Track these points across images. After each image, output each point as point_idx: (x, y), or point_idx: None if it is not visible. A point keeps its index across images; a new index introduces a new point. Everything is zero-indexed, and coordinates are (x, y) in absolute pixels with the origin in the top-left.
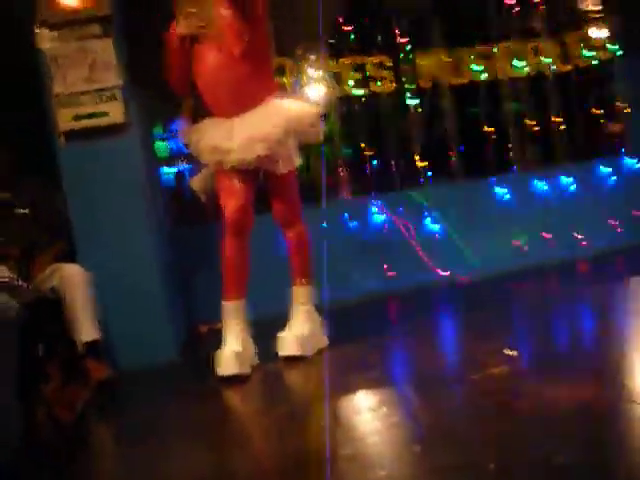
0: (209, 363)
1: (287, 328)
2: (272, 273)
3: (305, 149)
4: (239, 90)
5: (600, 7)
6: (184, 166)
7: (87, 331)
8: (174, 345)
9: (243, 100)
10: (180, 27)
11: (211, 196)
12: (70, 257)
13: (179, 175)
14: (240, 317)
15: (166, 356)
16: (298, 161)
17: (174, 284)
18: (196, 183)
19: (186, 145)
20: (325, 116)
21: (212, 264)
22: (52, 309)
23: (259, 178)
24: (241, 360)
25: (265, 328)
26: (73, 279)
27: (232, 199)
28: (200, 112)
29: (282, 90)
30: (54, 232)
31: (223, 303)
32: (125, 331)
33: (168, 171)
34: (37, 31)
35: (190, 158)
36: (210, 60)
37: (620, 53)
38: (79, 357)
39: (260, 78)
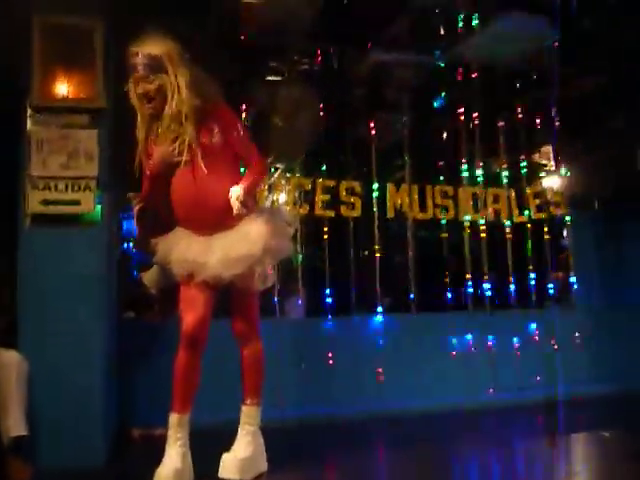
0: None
1: (232, 449)
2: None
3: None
4: (216, 209)
5: (552, 162)
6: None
7: (15, 425)
8: (103, 448)
9: (222, 219)
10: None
11: (163, 291)
12: (8, 337)
13: (125, 256)
14: (183, 432)
15: (93, 459)
16: (273, 279)
17: (112, 379)
18: (147, 277)
19: (147, 253)
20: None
21: (155, 363)
22: None
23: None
24: (180, 478)
25: (212, 438)
26: (10, 368)
27: (192, 312)
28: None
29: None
30: None
31: (170, 414)
32: (53, 427)
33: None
34: (28, 112)
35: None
36: (184, 177)
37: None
38: (2, 452)
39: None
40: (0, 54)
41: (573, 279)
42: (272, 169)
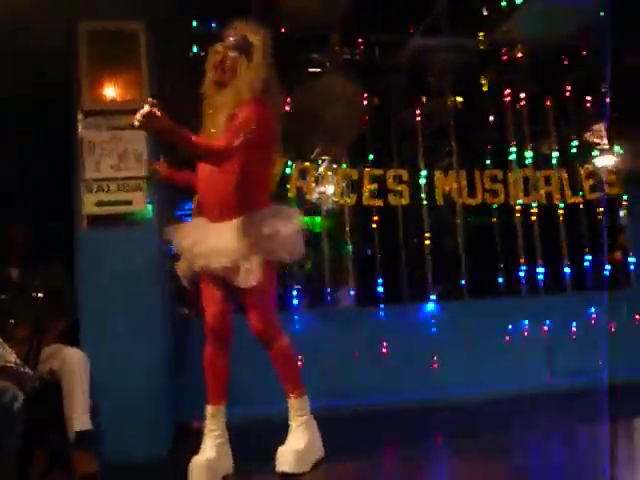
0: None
1: (286, 442)
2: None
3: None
4: (222, 197)
5: (605, 140)
6: None
7: (80, 420)
8: (166, 440)
9: (225, 208)
10: None
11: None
12: (71, 336)
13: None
14: (217, 423)
15: (157, 451)
16: (257, 278)
17: (171, 373)
18: (180, 267)
19: (169, 243)
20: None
21: None
22: (47, 392)
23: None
24: (212, 470)
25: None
26: (73, 365)
27: (210, 307)
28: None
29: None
30: (61, 312)
31: (205, 406)
32: (116, 421)
33: None
34: (78, 117)
35: None
36: (204, 172)
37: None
38: (67, 446)
39: (247, 191)
40: (48, 62)
41: (631, 259)
42: (319, 161)
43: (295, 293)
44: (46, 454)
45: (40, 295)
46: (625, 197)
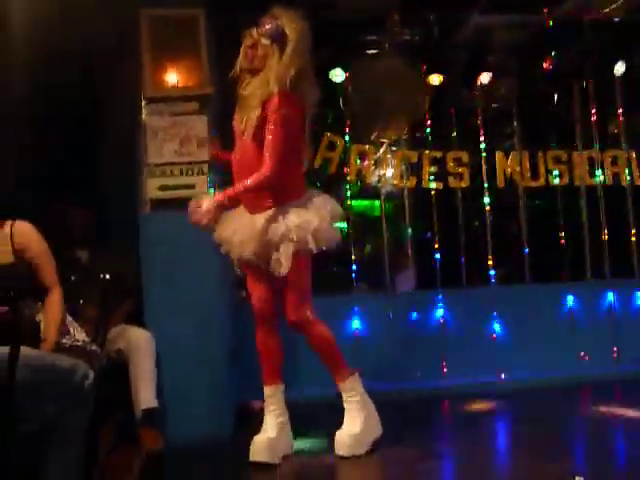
0: None
1: (342, 426)
2: None
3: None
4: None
5: None
6: None
7: (146, 398)
8: (229, 419)
9: (259, 201)
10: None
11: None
12: (137, 317)
13: None
14: (276, 403)
15: (221, 430)
16: (287, 267)
17: (234, 354)
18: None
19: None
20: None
21: None
22: (114, 371)
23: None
24: (273, 449)
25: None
26: (139, 344)
27: (253, 289)
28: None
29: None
30: (126, 293)
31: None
32: (182, 401)
33: None
34: (142, 104)
35: None
36: (239, 148)
37: None
38: (134, 423)
39: (279, 184)
40: (111, 49)
41: None
42: (378, 144)
43: (354, 276)
44: (113, 431)
45: (107, 277)
46: None
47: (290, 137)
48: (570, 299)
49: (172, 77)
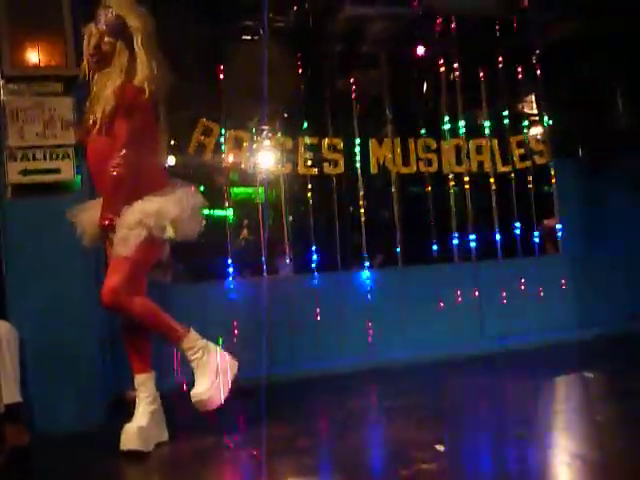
0: None
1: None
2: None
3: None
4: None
5: (534, 111)
6: None
7: (9, 393)
8: (100, 410)
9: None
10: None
11: None
12: None
13: None
14: (147, 391)
15: (91, 422)
16: (127, 250)
17: (106, 344)
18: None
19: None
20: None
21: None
22: None
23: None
24: (144, 436)
25: None
26: (0, 337)
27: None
28: None
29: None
30: None
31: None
32: (50, 393)
33: None
34: (1, 83)
35: None
36: (91, 152)
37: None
38: None
39: (135, 179)
40: None
41: (558, 226)
42: (254, 129)
43: (231, 262)
44: None
45: None
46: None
47: (141, 128)
48: (440, 281)
49: (34, 56)
